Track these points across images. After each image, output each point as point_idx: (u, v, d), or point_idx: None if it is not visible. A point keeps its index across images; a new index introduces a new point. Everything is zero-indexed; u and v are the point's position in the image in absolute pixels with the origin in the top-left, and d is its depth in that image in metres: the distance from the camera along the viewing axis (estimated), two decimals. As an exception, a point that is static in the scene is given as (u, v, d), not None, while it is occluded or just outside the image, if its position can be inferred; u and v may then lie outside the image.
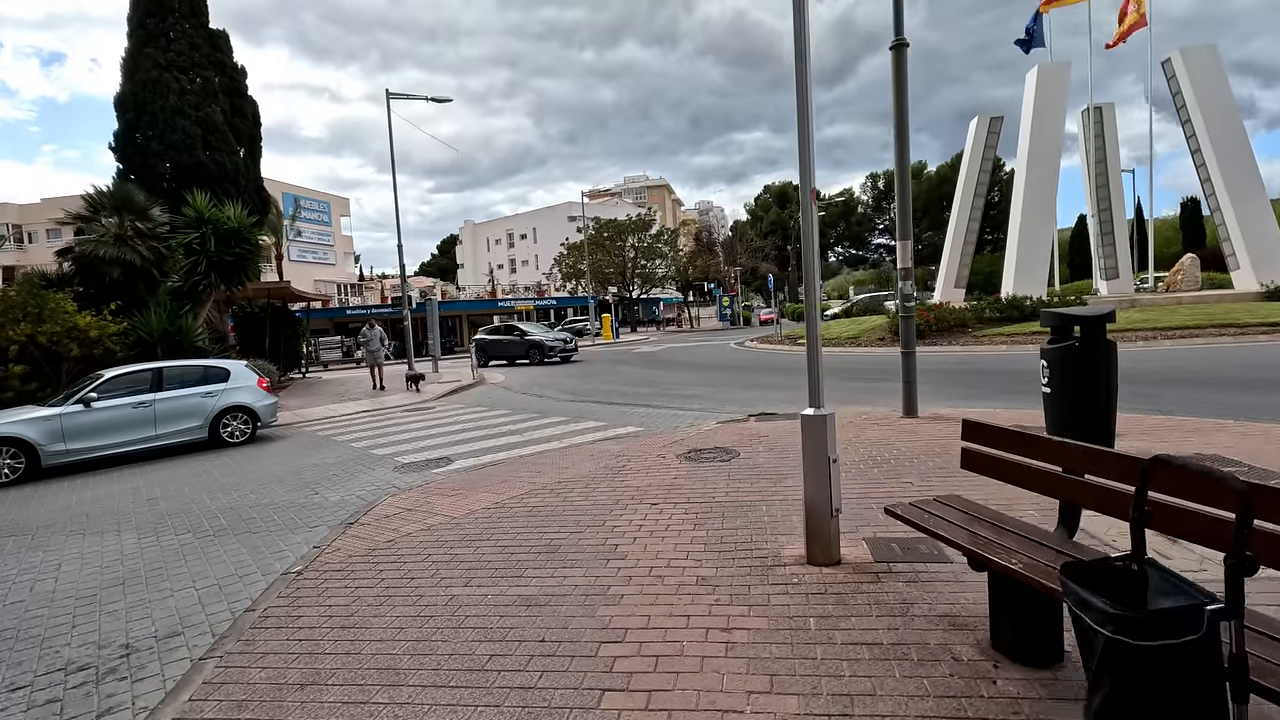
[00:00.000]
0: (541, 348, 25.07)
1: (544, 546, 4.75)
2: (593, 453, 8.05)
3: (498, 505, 5.93)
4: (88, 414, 10.16)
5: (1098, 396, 5.92)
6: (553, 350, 25.03)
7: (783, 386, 13.87)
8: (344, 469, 8.67)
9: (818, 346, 4.13)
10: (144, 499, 7.94)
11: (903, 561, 3.99)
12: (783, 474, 6.20)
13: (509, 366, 25.24)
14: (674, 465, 6.90)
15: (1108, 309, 6.07)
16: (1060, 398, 6.10)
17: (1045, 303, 21.73)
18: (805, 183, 3.97)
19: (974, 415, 8.49)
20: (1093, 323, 5.87)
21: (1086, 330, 5.88)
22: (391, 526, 5.60)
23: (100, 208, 14.50)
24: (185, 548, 5.82)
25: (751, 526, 4.83)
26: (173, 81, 22.58)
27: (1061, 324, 6.24)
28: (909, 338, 8.48)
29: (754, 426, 8.71)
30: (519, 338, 26.12)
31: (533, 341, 25.52)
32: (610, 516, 5.32)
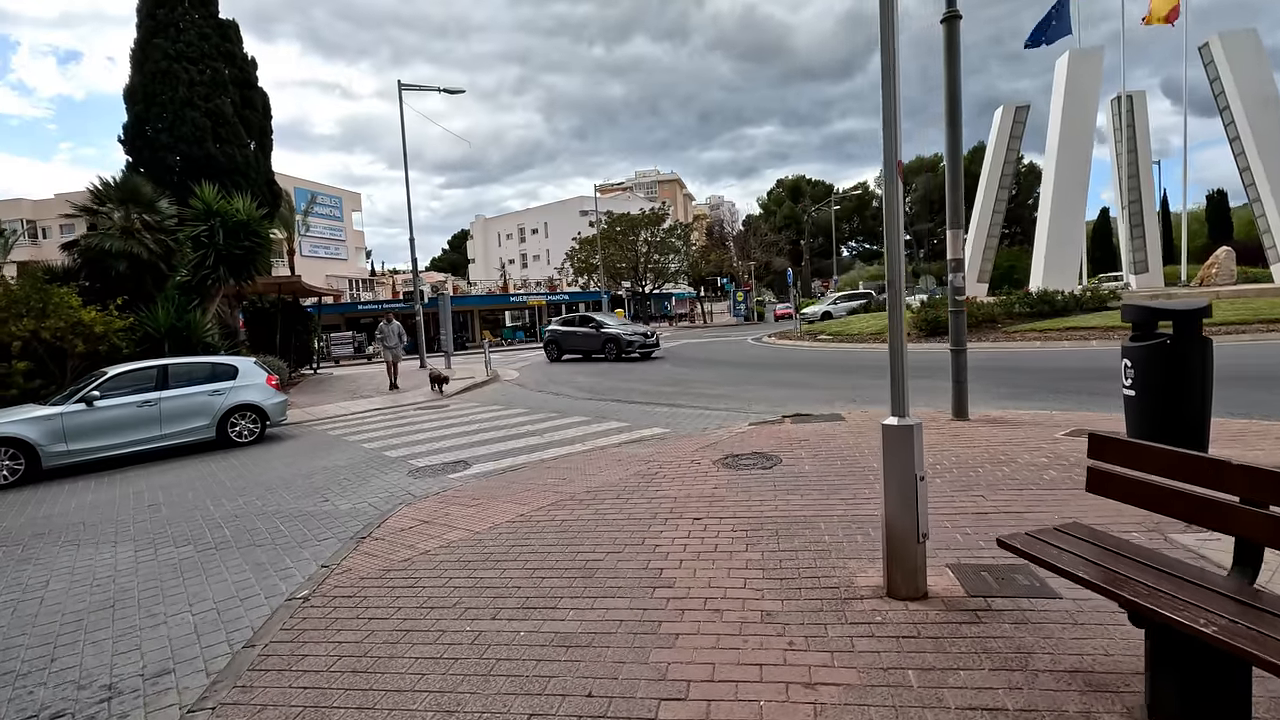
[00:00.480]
0: (619, 342, 22.12)
1: (578, 569, 4.22)
2: (619, 457, 7.52)
3: (522, 518, 5.41)
4: (90, 413, 9.75)
5: (1191, 398, 5.32)
6: (631, 345, 21.99)
7: (811, 385, 13.28)
8: (355, 473, 8.19)
9: (903, 346, 3.58)
10: (145, 505, 7.50)
11: (1001, 596, 3.43)
12: (834, 485, 5.64)
13: (581, 361, 22.88)
14: (711, 473, 6.36)
15: (1202, 302, 5.46)
16: (1146, 400, 5.51)
17: (1077, 297, 20.97)
18: (890, 152, 3.40)
19: (1027, 418, 7.91)
20: (1187, 317, 5.27)
21: (1180, 325, 5.28)
22: (407, 542, 5.09)
23: (106, 200, 14.11)
24: (184, 563, 5.34)
25: (812, 548, 4.27)
26: (182, 73, 22.21)
27: (1146, 319, 5.64)
28: (959, 334, 7.88)
29: (790, 429, 8.14)
30: (594, 330, 23.18)
31: (610, 335, 22.53)
32: (649, 534, 4.79)
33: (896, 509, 3.46)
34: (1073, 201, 25.53)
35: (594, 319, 24.05)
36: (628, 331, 22.79)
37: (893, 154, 3.41)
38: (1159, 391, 5.28)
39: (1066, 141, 24.88)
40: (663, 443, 8.19)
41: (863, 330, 23.69)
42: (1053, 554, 2.68)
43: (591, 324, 23.58)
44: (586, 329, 23.47)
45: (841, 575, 3.84)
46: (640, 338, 22.37)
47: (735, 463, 6.65)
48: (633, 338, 22.25)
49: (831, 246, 68.31)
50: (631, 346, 22.01)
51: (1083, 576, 2.45)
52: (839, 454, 6.67)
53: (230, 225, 14.83)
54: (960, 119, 7.82)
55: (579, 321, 24.52)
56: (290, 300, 23.62)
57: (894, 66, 3.40)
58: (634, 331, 22.93)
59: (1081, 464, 5.67)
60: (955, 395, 7.91)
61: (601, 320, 23.89)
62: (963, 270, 7.87)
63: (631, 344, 22.02)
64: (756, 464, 6.53)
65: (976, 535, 4.27)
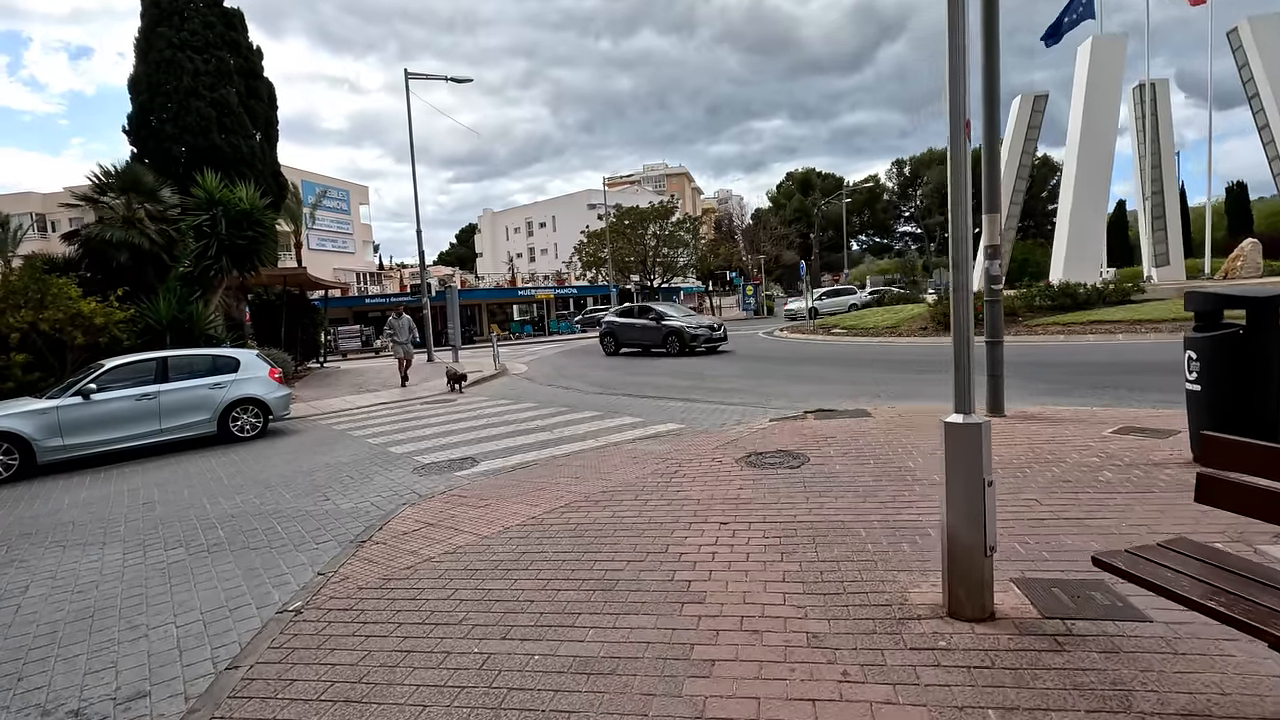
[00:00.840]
0: (682, 336, 19.85)
1: (597, 581, 3.84)
2: (635, 455, 7.13)
3: (534, 521, 5.03)
4: (87, 407, 9.44)
5: (1266, 393, 4.88)
6: (696, 339, 19.82)
7: (830, 379, 12.84)
8: (358, 470, 7.84)
9: (968, 334, 3.15)
10: (139, 503, 7.17)
11: (1080, 618, 3.01)
12: (868, 486, 5.22)
13: (634, 357, 20.87)
14: (734, 472, 5.95)
15: (1277, 290, 5.01)
16: (1214, 394, 5.05)
17: (1100, 290, 20.40)
18: (957, 109, 2.98)
19: (1068, 414, 7.46)
20: (1263, 306, 4.80)
21: (1255, 314, 4.82)
22: (409, 547, 4.72)
23: (108, 189, 13.82)
24: (173, 567, 4.99)
25: (855, 558, 3.87)
26: (186, 62, 21.89)
27: (1213, 308, 5.19)
28: (995, 325, 7.43)
29: (814, 425, 7.73)
30: (654, 322, 20.96)
31: (672, 329, 20.29)
32: (672, 540, 4.39)
33: (960, 517, 3.05)
34: (1095, 193, 24.87)
35: (654, 309, 21.86)
36: (692, 324, 20.63)
37: (960, 112, 2.99)
38: (1229, 385, 4.83)
39: (1089, 131, 24.21)
40: (680, 439, 7.79)
41: (878, 324, 23.18)
42: (1167, 577, 2.27)
43: (651, 315, 21.40)
44: (646, 320, 21.37)
45: (892, 590, 3.43)
46: (706, 331, 20.26)
47: (760, 461, 6.24)
48: (698, 330, 20.13)
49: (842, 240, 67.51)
50: (697, 340, 19.87)
51: (1222, 610, 2.03)
52: (870, 452, 6.25)
53: (233, 215, 14.50)
54: (998, 93, 7.36)
55: (638, 312, 22.44)
56: (296, 293, 23.32)
57: (962, 11, 2.97)
58: (699, 324, 20.76)
59: (1138, 464, 5.25)
60: (990, 390, 7.47)
61: (663, 311, 21.61)
62: (999, 257, 7.42)
63: (696, 338, 19.90)
64: (782, 463, 6.13)
65: (1038, 545, 3.85)
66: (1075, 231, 24.51)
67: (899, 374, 12.92)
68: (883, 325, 22.61)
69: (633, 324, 21.79)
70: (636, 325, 21.60)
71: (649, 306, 22.58)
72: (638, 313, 22.40)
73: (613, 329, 22.48)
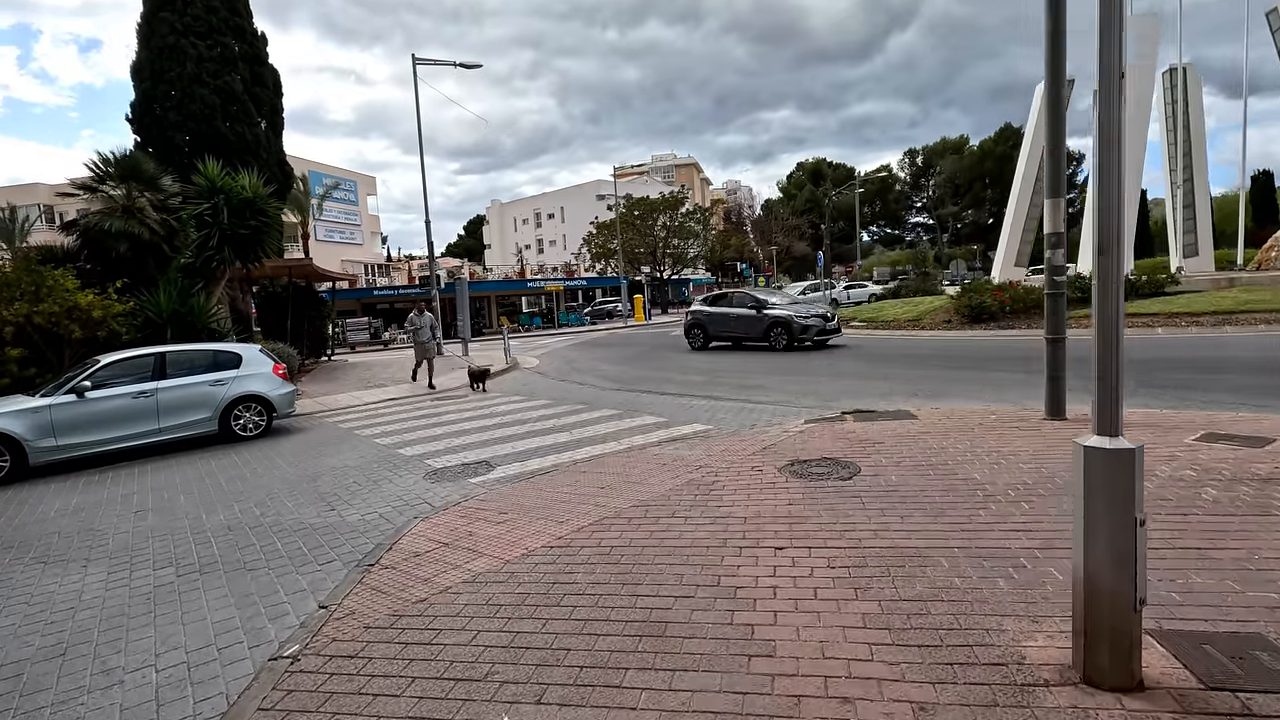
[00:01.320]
0: (789, 327, 17.07)
1: (642, 623, 3.28)
2: (664, 460, 6.57)
3: (562, 543, 4.48)
4: (81, 405, 8.96)
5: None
6: (807, 331, 17.02)
7: (860, 375, 12.23)
8: (366, 474, 7.32)
9: (1118, 340, 2.55)
10: (132, 511, 6.68)
11: (1256, 689, 2.43)
12: (935, 503, 4.64)
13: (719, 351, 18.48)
14: (779, 483, 5.39)
15: None
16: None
17: (1133, 283, 19.66)
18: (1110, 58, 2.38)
19: (1137, 418, 6.82)
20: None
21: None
22: (423, 574, 4.18)
23: (106, 177, 13.31)
24: (160, 592, 4.48)
25: (944, 597, 3.30)
26: (190, 48, 21.34)
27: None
28: (1058, 320, 6.80)
29: (856, 428, 7.14)
30: (754, 311, 18.11)
31: (776, 319, 17.42)
32: (723, 569, 3.83)
33: (1102, 562, 2.47)
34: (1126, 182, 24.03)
35: (755, 297, 19.05)
36: (801, 313, 17.69)
37: (1114, 59, 2.39)
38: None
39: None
40: (710, 442, 7.22)
41: (899, 317, 22.50)
42: None
43: (751, 304, 18.54)
44: (744, 310, 18.49)
45: (1002, 643, 2.86)
46: (819, 321, 17.31)
47: (805, 471, 5.67)
48: (809, 321, 17.19)
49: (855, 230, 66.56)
50: (807, 332, 17.01)
51: None
52: (926, 461, 5.67)
53: (235, 203, 13.98)
54: (1064, 65, 6.71)
55: (734, 300, 19.55)
56: (303, 285, 22.84)
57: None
58: (809, 313, 17.78)
59: (1242, 478, 4.64)
60: (1051, 392, 6.86)
61: (763, 299, 18.78)
62: (1063, 246, 6.78)
63: (808, 329, 17.03)
64: (831, 473, 5.55)
65: (1163, 584, 3.27)
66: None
67: (930, 370, 12.30)
68: (904, 318, 21.93)
69: (727, 314, 19.03)
70: (732, 315, 18.82)
71: (749, 295, 19.67)
72: (733, 301, 19.59)
73: (701, 320, 19.71)
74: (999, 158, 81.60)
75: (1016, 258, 30.33)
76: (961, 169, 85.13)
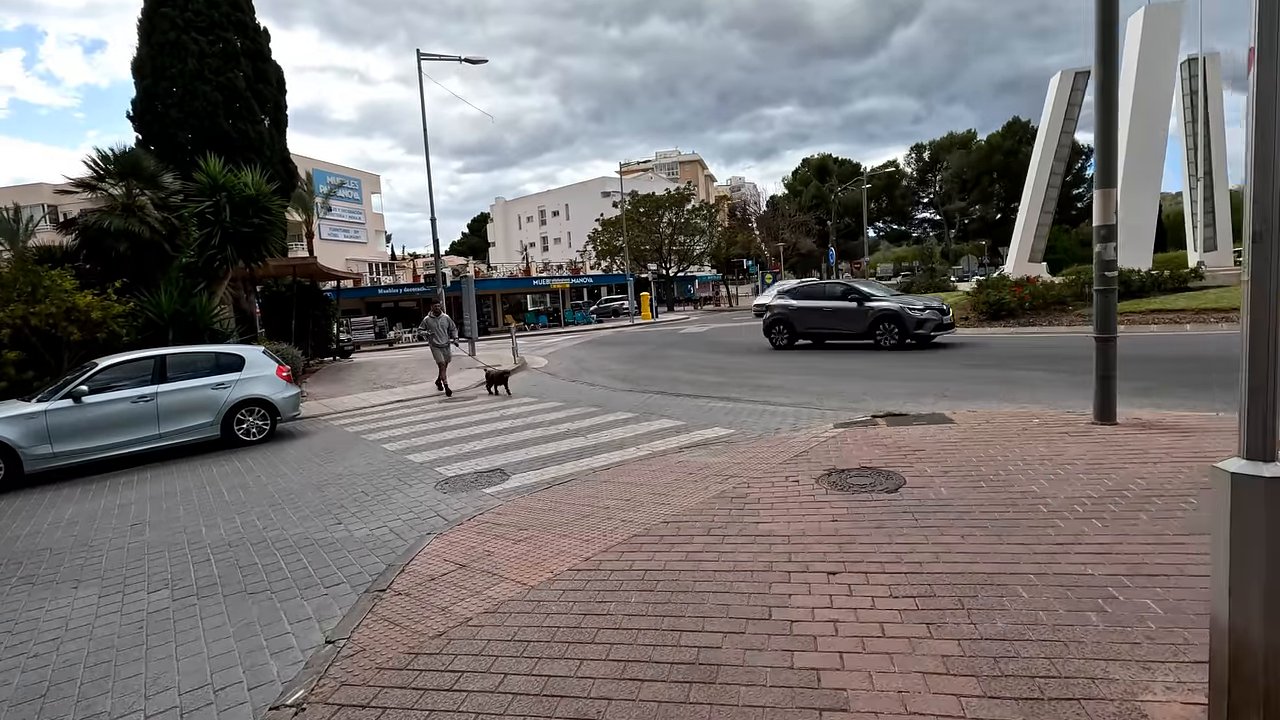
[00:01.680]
0: (902, 322, 14.71)
1: (689, 666, 2.91)
2: (689, 468, 6.19)
3: (589, 566, 4.11)
4: (78, 410, 8.63)
5: None
6: (923, 326, 14.68)
7: (882, 375, 11.82)
8: (375, 484, 6.96)
9: (1273, 343, 2.16)
10: (128, 524, 6.34)
11: None
12: (996, 521, 4.25)
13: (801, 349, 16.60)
14: (818, 496, 5.00)
15: None
16: None
17: (1156, 277, 19.21)
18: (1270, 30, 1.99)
19: (1192, 421, 6.40)
20: None
21: None
22: (439, 600, 3.82)
23: (106, 175, 12.98)
24: (154, 618, 4.13)
25: (1032, 635, 2.91)
26: (191, 44, 21.05)
27: None
28: (1107, 318, 6.38)
29: (891, 434, 6.75)
30: (855, 305, 15.63)
31: (885, 312, 15.05)
32: (773, 599, 3.45)
33: (1254, 615, 2.08)
34: (1147, 174, 23.52)
35: (855, 287, 16.42)
36: (913, 305, 15.34)
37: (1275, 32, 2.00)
38: None
39: (1141, 107, 22.82)
40: (735, 449, 6.84)
41: (913, 314, 22.03)
42: None
43: (853, 295, 15.92)
44: (842, 302, 15.97)
45: (1114, 695, 2.47)
46: (935, 314, 14.91)
47: (845, 482, 5.28)
48: (924, 314, 14.79)
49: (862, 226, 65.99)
50: (924, 327, 14.69)
51: None
52: (975, 471, 5.27)
53: (238, 201, 13.63)
54: (1115, 47, 6.28)
55: (827, 292, 16.95)
56: (307, 284, 22.54)
57: None
58: (924, 305, 15.37)
59: (1333, 493, 4.22)
60: (1101, 393, 6.44)
61: (866, 290, 16.18)
62: (1114, 239, 6.37)
63: (924, 323, 14.68)
64: (874, 484, 5.16)
65: (1282, 620, 2.87)
66: (1127, 215, 23.19)
67: (954, 369, 11.88)
68: (919, 315, 21.46)
69: (821, 307, 16.45)
70: (827, 309, 16.30)
71: (847, 284, 17.16)
72: (826, 293, 16.93)
73: (786, 314, 17.15)
74: (1007, 152, 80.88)
75: (1031, 253, 29.82)
76: (969, 164, 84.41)
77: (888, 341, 15.03)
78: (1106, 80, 6.33)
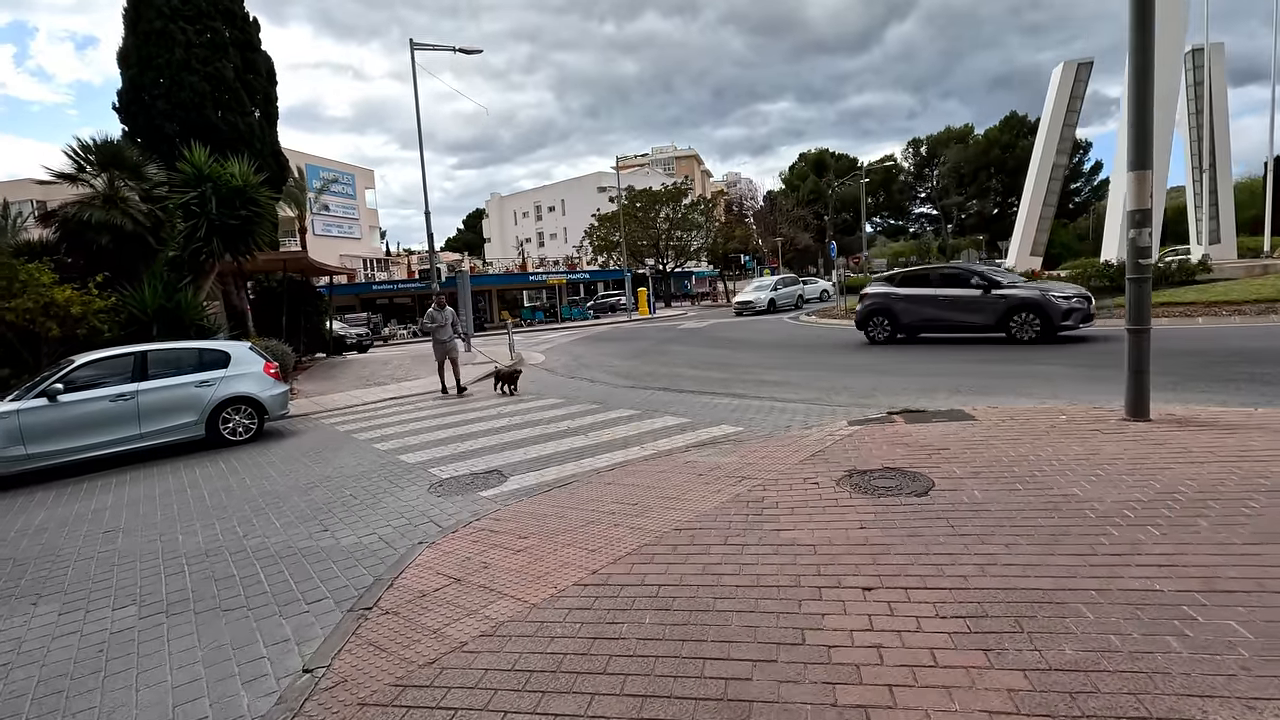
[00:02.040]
0: (1045, 312, 12.58)
1: (718, 705, 2.54)
2: (698, 468, 5.82)
3: (597, 580, 3.73)
4: (53, 409, 8.22)
5: None
6: (1070, 316, 12.53)
7: (891, 370, 11.47)
8: (364, 486, 6.58)
9: None
10: (101, 530, 5.95)
11: None
12: (1043, 527, 3.89)
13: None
14: (841, 500, 4.64)
15: None
16: None
17: (1164, 270, 18.88)
18: None
19: (1234, 416, 6.04)
20: None
21: None
22: (431, 621, 3.44)
23: (86, 165, 12.53)
24: (116, 639, 3.75)
25: (1108, 665, 2.55)
26: (178, 33, 20.55)
27: None
28: (1141, 309, 6.02)
29: (911, 431, 6.39)
30: (981, 291, 13.35)
31: (1023, 301, 12.86)
32: (806, 620, 3.08)
33: None
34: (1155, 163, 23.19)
35: (979, 272, 14.00)
36: (1055, 292, 13.09)
37: None
38: None
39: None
40: (746, 448, 6.46)
41: (916, 308, 21.69)
42: None
43: (976, 281, 13.59)
44: (963, 290, 13.69)
45: (1221, 744, 2.11)
46: (1081, 303, 12.73)
47: (869, 484, 4.92)
48: (1071, 303, 12.62)
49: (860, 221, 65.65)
50: (1071, 317, 12.53)
51: None
52: (1009, 472, 4.91)
53: (224, 192, 13.18)
54: (1152, 34, 5.92)
55: (943, 278, 14.43)
56: (299, 279, 22.07)
57: None
58: (1067, 292, 13.11)
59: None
60: (1134, 388, 6.08)
61: (992, 276, 13.77)
62: (1149, 224, 6.01)
63: (1070, 313, 12.54)
64: (901, 487, 4.80)
65: (1395, 647, 2.51)
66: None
67: (965, 363, 11.52)
68: (923, 309, 21.12)
69: (935, 296, 14.15)
70: (942, 298, 14.00)
71: (966, 268, 14.76)
72: (941, 278, 14.47)
73: (888, 304, 14.91)
74: (1004, 146, 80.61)
75: (1033, 246, 29.53)
76: (966, 159, 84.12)
77: (1027, 334, 12.83)
78: (1143, 64, 5.96)
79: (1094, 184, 79.23)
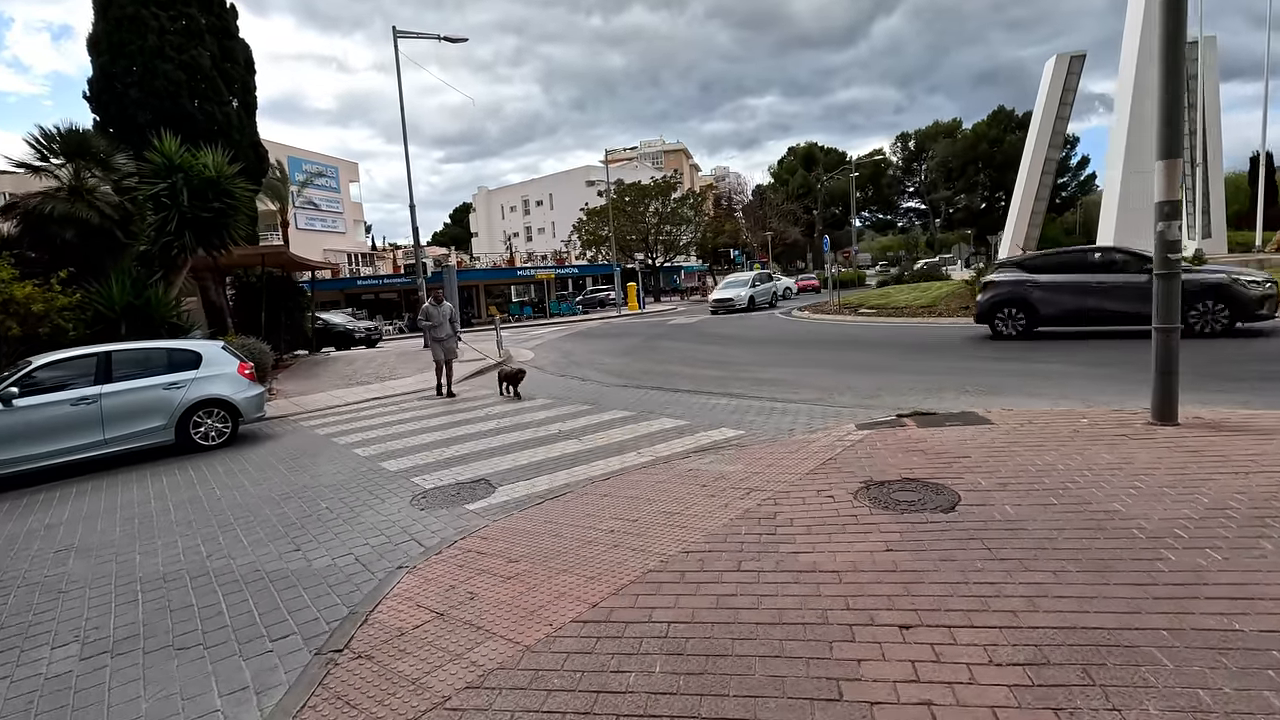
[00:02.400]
0: (1233, 300, 10.90)
1: (748, 780, 2.14)
2: (701, 479, 5.42)
3: (598, 615, 3.32)
4: (9, 415, 7.69)
5: None
6: (1264, 304, 10.93)
7: (894, 368, 11.13)
8: (342, 498, 6.12)
9: None
10: (52, 549, 5.47)
11: None
12: (1091, 551, 3.52)
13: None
14: (861, 516, 4.25)
15: None
16: None
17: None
18: None
19: (1272, 421, 5.75)
20: None
21: None
22: (410, 669, 3.01)
23: (49, 154, 11.90)
24: (48, 688, 3.29)
25: (1204, 731, 2.17)
26: (151, 19, 19.81)
27: None
28: (1170, 306, 5.69)
29: (924, 436, 6.02)
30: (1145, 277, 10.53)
31: (1205, 286, 11.07)
32: (839, 666, 2.69)
33: None
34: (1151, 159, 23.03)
35: (1129, 253, 12.43)
36: (1244, 277, 11.27)
37: None
38: None
39: (1142, 91, 22.25)
40: (750, 454, 6.07)
41: (910, 303, 21.46)
42: None
43: (1136, 265, 11.69)
44: (1119, 277, 11.86)
45: (1368, 845, 1.73)
46: (1263, 289, 11.05)
47: (889, 498, 4.54)
48: (1262, 287, 11.02)
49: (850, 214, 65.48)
50: (1265, 306, 10.95)
51: None
52: (1039, 484, 4.54)
53: (196, 183, 12.57)
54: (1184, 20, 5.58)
55: (1089, 261, 12.63)
56: (280, 274, 21.41)
57: None
58: (1264, 278, 11.39)
59: None
60: (1161, 390, 5.75)
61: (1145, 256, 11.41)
62: (1178, 217, 5.67)
63: (1264, 301, 10.95)
64: (924, 501, 4.42)
65: None
66: (1126, 200, 22.72)
67: (969, 361, 11.22)
68: (918, 304, 20.88)
69: (1084, 283, 12.20)
70: (1093, 284, 12.09)
71: (1121, 249, 13.10)
72: (1089, 262, 12.59)
73: (1020, 293, 12.86)
74: (992, 141, 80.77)
75: (1025, 240, 29.37)
76: (955, 153, 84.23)
77: (1213, 325, 11.00)
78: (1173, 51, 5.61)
79: (1080, 178, 79.58)
